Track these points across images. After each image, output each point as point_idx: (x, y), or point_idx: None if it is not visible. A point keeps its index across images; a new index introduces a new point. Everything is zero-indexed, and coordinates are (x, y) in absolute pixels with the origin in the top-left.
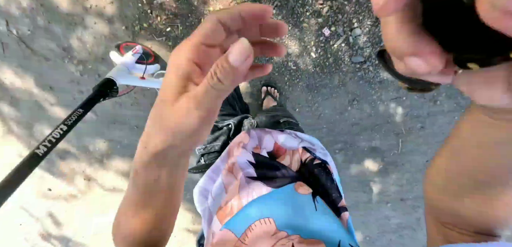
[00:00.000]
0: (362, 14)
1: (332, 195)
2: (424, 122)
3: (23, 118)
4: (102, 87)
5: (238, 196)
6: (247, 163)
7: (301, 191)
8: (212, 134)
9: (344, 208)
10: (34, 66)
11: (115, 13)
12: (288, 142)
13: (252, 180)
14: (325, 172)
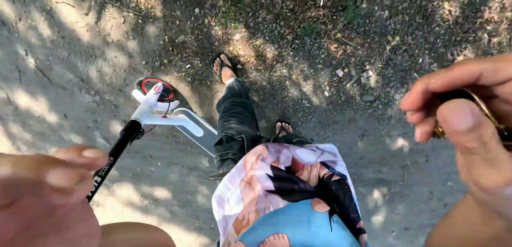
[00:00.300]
0: (374, 58)
1: (350, 215)
2: (428, 155)
3: (34, 142)
4: (129, 130)
5: (255, 209)
6: (266, 176)
7: (317, 208)
8: (227, 143)
9: (363, 230)
10: (50, 93)
11: (136, 48)
12: (306, 157)
13: (270, 193)
14: (343, 189)
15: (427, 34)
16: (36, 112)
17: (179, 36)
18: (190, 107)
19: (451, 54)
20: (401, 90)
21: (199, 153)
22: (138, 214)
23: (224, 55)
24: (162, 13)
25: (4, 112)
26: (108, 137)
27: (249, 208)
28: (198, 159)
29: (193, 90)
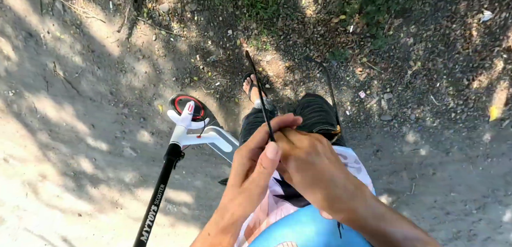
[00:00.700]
0: (395, 81)
1: None
2: (436, 169)
3: (60, 150)
4: (171, 154)
5: (266, 216)
6: (274, 180)
7: (325, 215)
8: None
9: None
10: (77, 104)
11: (166, 65)
12: None
13: (279, 198)
14: None
15: (447, 61)
16: (63, 121)
17: (210, 56)
18: (218, 123)
19: (467, 79)
20: (417, 111)
21: (223, 163)
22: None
23: (253, 75)
24: (195, 33)
25: (30, 120)
26: (135, 147)
27: (260, 215)
28: (222, 169)
29: (221, 106)
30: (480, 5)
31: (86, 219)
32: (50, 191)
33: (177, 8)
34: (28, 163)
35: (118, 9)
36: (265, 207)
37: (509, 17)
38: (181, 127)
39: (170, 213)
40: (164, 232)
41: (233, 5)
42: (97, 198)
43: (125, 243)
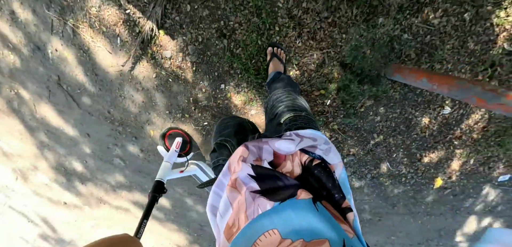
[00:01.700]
0: (358, 147)
1: (335, 196)
2: (382, 217)
3: (55, 149)
4: (156, 191)
5: (244, 214)
6: (248, 177)
7: (303, 196)
8: (219, 150)
9: (349, 208)
10: (76, 115)
11: (162, 99)
12: (286, 147)
13: (256, 194)
14: (325, 172)
15: (406, 139)
16: (61, 126)
17: (203, 101)
18: (202, 154)
19: (420, 155)
20: (373, 172)
21: None
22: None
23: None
24: (191, 80)
25: (29, 118)
26: (125, 159)
27: (239, 213)
28: (198, 189)
29: (206, 141)
30: (442, 101)
31: (71, 208)
32: (40, 180)
33: (178, 56)
34: (23, 154)
35: (125, 45)
36: (243, 205)
37: (464, 114)
38: (167, 164)
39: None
40: None
41: (229, 66)
42: (83, 193)
43: (104, 231)
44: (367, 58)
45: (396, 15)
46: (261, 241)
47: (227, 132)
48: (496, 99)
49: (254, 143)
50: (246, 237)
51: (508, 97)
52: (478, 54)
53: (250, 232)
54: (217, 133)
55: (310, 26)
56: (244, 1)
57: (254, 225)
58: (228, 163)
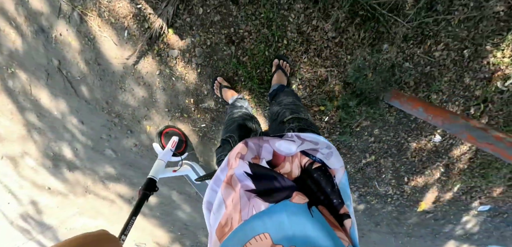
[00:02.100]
0: (350, 164)
1: (333, 201)
2: (364, 233)
3: (45, 133)
4: (147, 189)
5: (239, 214)
6: (244, 175)
7: (296, 200)
8: (223, 146)
9: (346, 215)
10: (72, 101)
11: (163, 97)
12: (286, 148)
13: (250, 193)
14: (325, 176)
15: (396, 161)
16: (55, 110)
17: (203, 103)
18: (196, 155)
19: (408, 178)
20: (361, 190)
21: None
22: (126, 207)
23: (220, 78)
24: (194, 81)
25: (22, 99)
26: (117, 150)
27: (233, 212)
28: (187, 187)
29: (201, 142)
30: (434, 130)
31: (55, 193)
32: (26, 162)
33: (185, 57)
34: (11, 135)
35: (131, 38)
36: (237, 204)
37: (454, 144)
38: (161, 162)
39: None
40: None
41: (234, 72)
42: (70, 180)
43: (85, 221)
44: (368, 81)
45: (401, 44)
46: (251, 244)
47: (232, 127)
48: (486, 138)
49: (254, 140)
50: (237, 239)
51: (496, 138)
52: (472, 89)
53: (242, 233)
54: (224, 129)
55: (317, 43)
56: (256, 12)
57: (245, 226)
58: (227, 159)
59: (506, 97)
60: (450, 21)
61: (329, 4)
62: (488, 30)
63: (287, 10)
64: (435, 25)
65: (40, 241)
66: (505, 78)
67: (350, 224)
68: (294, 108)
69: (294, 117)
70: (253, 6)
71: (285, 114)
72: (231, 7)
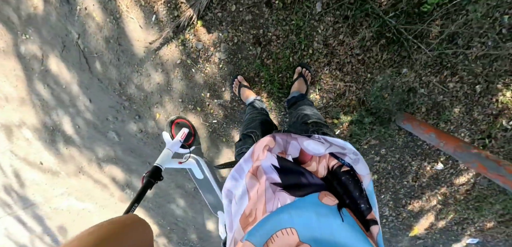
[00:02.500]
0: None
1: (360, 206)
2: None
3: (48, 104)
4: (152, 177)
5: (263, 206)
6: (271, 167)
7: (326, 201)
8: (243, 140)
9: (374, 221)
10: (84, 77)
11: (179, 87)
12: (314, 148)
13: (276, 186)
14: (353, 180)
15: (396, 183)
16: (64, 83)
17: (219, 99)
18: (201, 151)
19: (406, 201)
20: None
21: (190, 179)
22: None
23: (241, 76)
24: (214, 76)
25: (32, 67)
26: (121, 134)
27: (257, 203)
28: (186, 182)
29: (210, 138)
30: (438, 157)
31: (45, 170)
32: (23, 133)
33: (209, 50)
34: (12, 102)
35: (158, 24)
36: (262, 196)
37: (454, 174)
38: (169, 152)
39: (128, 198)
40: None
41: (255, 73)
42: (64, 157)
43: (72, 203)
44: (384, 100)
45: (419, 70)
46: (277, 237)
47: (253, 125)
48: (497, 169)
49: (282, 136)
50: (263, 230)
51: (508, 170)
52: (479, 123)
53: (268, 225)
54: (245, 126)
55: (341, 58)
56: (287, 18)
57: (272, 218)
58: (251, 150)
59: (509, 136)
60: (468, 55)
61: (358, 22)
62: (502, 70)
63: (317, 21)
64: (454, 58)
65: (20, 217)
66: (510, 118)
67: (377, 230)
68: (317, 115)
69: (317, 122)
70: (285, 12)
71: (309, 117)
72: (264, 10)
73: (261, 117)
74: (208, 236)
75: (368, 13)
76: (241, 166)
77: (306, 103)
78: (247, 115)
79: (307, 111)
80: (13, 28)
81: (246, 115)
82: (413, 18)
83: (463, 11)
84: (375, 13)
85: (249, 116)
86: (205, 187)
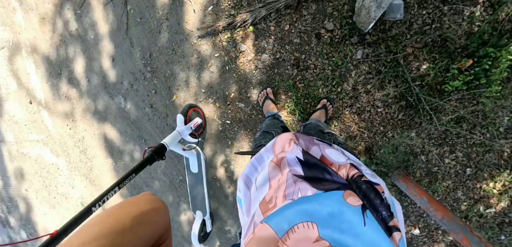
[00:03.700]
0: None
1: (382, 213)
2: None
3: (71, 41)
4: (156, 153)
5: (283, 193)
6: (296, 160)
7: (350, 201)
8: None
9: (396, 227)
10: (117, 38)
11: (206, 78)
12: (335, 157)
13: (298, 178)
14: (374, 190)
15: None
16: (93, 32)
17: (241, 103)
18: (203, 144)
19: None
20: None
21: (179, 170)
22: (97, 162)
23: (270, 89)
24: (245, 79)
25: (68, 7)
26: (128, 102)
27: (277, 191)
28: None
29: (217, 136)
30: (417, 222)
31: (32, 110)
32: (27, 63)
33: (249, 55)
34: (29, 27)
35: (213, 15)
36: (283, 184)
37: (427, 242)
38: (177, 135)
39: (108, 169)
40: (88, 172)
41: (284, 91)
42: (59, 94)
43: (43, 152)
44: (389, 156)
45: (425, 138)
46: (298, 229)
47: (275, 126)
48: (479, 245)
49: (304, 138)
50: (284, 217)
51: None
52: (460, 203)
53: (290, 213)
54: (265, 126)
55: (363, 104)
56: (330, 54)
57: (293, 207)
58: (273, 141)
59: (482, 222)
60: (468, 140)
61: (387, 79)
62: (491, 161)
63: (354, 66)
64: (456, 137)
65: None
66: (488, 206)
67: (399, 237)
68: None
69: (333, 133)
70: (330, 48)
71: (326, 128)
72: (312, 39)
73: (282, 124)
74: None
75: (398, 75)
76: (261, 155)
77: (323, 125)
78: (268, 121)
79: (324, 127)
80: None
81: (266, 121)
82: (434, 92)
83: (474, 101)
84: (404, 77)
85: (270, 121)
86: (195, 182)
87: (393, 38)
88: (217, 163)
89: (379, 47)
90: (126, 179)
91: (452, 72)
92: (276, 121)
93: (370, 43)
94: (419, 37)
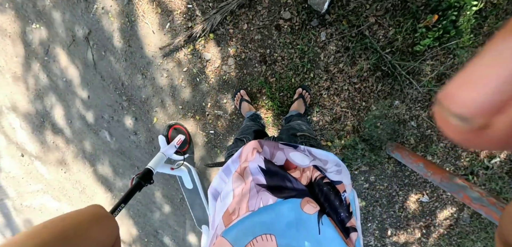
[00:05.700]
0: None
1: (340, 214)
2: None
3: (47, 91)
4: (143, 178)
5: (246, 204)
6: (258, 169)
7: (306, 209)
8: (235, 143)
9: (353, 228)
10: (87, 73)
11: (181, 93)
12: (299, 160)
13: (261, 188)
14: (334, 191)
15: (383, 212)
16: (65, 75)
17: (219, 110)
18: (193, 159)
19: (391, 232)
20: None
21: (178, 189)
22: (99, 197)
23: (243, 91)
24: (218, 87)
25: (36, 54)
26: (113, 134)
27: (240, 202)
28: (173, 192)
29: (204, 148)
30: (424, 189)
31: (25, 162)
32: (10, 119)
33: (216, 62)
34: (6, 85)
35: (171, 32)
36: (246, 194)
37: (438, 207)
38: (162, 156)
39: (109, 204)
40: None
41: (258, 89)
42: (49, 146)
43: (46, 201)
44: (377, 129)
45: (410, 104)
46: (257, 242)
47: (248, 131)
48: (480, 200)
49: (269, 144)
50: (244, 228)
51: (490, 201)
52: (462, 159)
53: (249, 224)
54: (240, 132)
55: (339, 84)
56: (294, 42)
57: (253, 218)
58: (239, 151)
59: (490, 174)
60: None
61: (357, 54)
62: None
63: (320, 48)
64: None
65: None
66: (491, 157)
67: (356, 236)
68: (309, 130)
69: (306, 135)
70: (292, 36)
71: (299, 129)
72: (273, 32)
73: (256, 126)
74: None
75: (367, 47)
76: (228, 166)
77: (301, 120)
78: (245, 123)
79: (299, 125)
80: (25, 16)
81: (243, 124)
82: (406, 56)
83: (450, 55)
84: (373, 48)
85: (245, 124)
86: (193, 197)
87: (353, 12)
88: (211, 174)
89: (341, 24)
90: (115, 210)
91: (420, 31)
92: (252, 123)
93: (331, 22)
94: (378, 4)
